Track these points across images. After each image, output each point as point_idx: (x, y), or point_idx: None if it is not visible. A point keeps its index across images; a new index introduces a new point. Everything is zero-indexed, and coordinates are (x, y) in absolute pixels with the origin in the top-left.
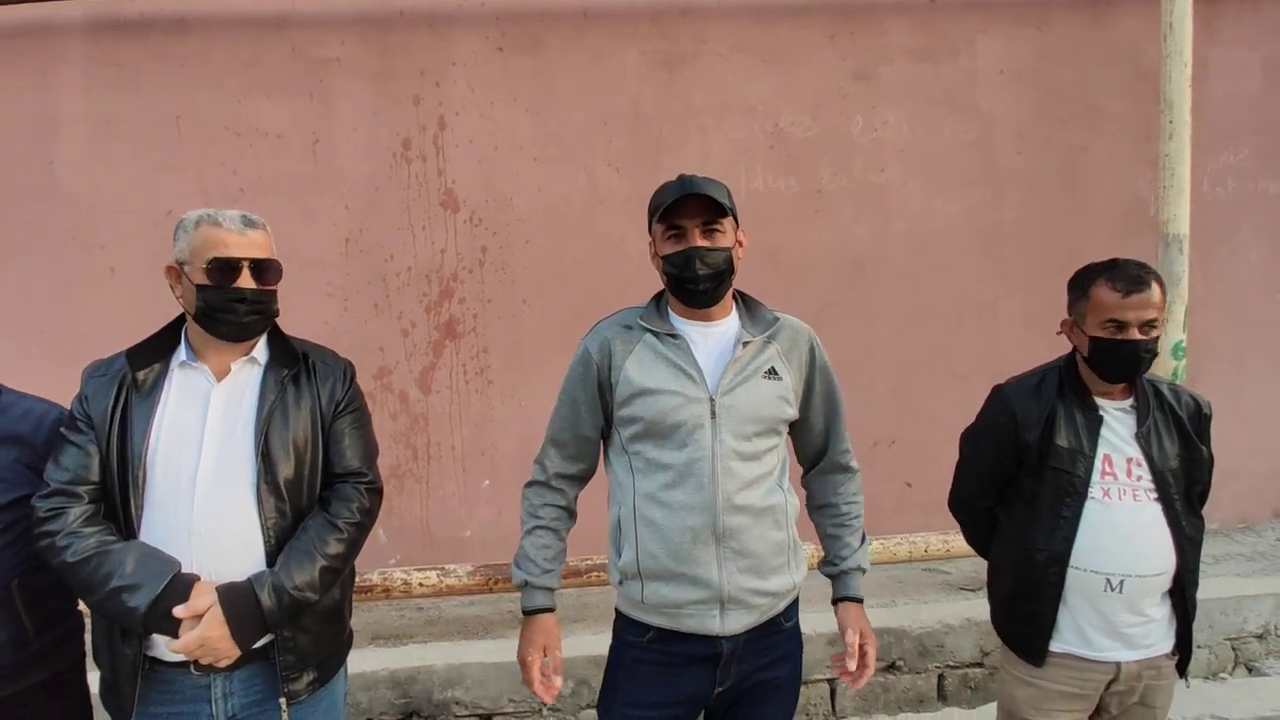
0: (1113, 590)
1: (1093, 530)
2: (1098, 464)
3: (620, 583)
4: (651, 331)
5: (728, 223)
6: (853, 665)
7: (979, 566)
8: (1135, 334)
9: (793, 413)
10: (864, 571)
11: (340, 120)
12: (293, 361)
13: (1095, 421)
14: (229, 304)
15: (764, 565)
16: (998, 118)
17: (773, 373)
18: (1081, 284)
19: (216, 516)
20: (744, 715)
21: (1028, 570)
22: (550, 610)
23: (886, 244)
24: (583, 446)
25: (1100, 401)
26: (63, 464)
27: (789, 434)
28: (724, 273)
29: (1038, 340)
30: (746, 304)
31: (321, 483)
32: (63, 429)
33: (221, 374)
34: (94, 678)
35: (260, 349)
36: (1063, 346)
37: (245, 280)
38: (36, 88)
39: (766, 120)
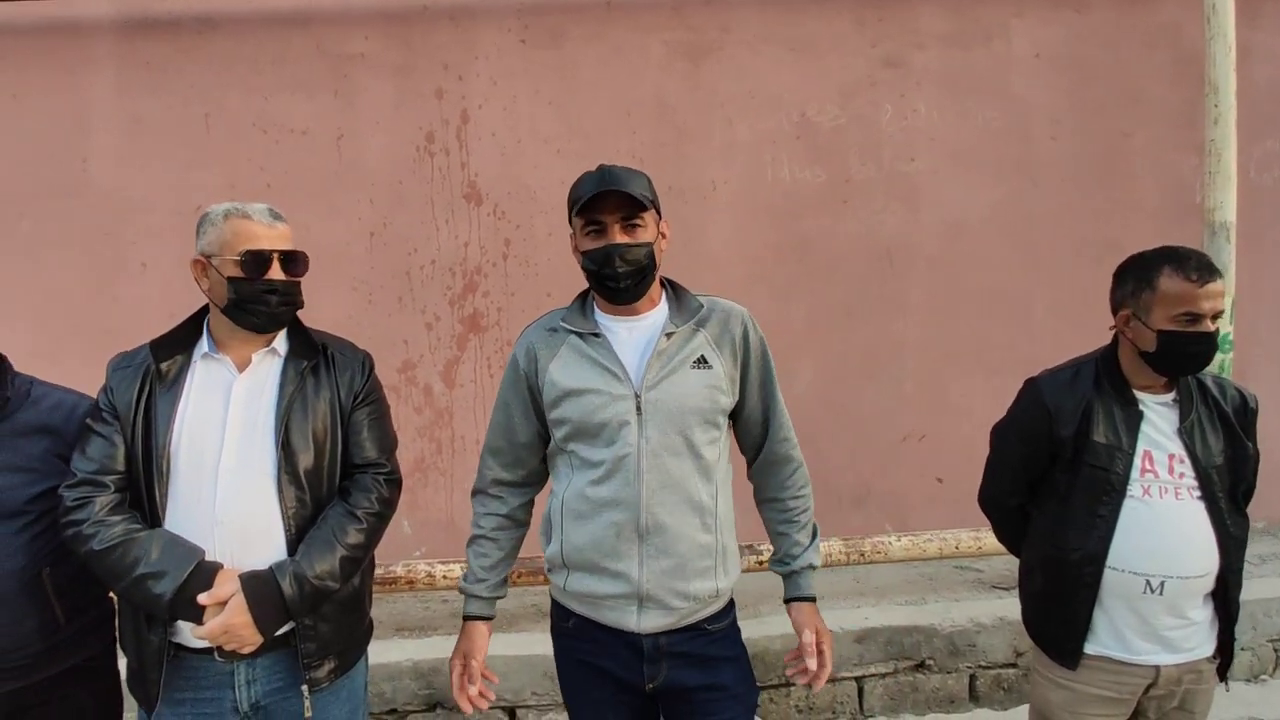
0: (1153, 592)
1: (1132, 530)
2: (1137, 461)
3: (550, 571)
4: (574, 332)
5: (649, 216)
6: (813, 665)
7: (1013, 564)
8: (1209, 325)
9: (729, 401)
10: (815, 569)
11: (364, 115)
12: (312, 353)
13: (1135, 416)
14: (261, 295)
15: (688, 567)
16: (1033, 104)
17: (702, 361)
18: (1142, 274)
19: (239, 505)
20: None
21: (1061, 570)
22: (482, 618)
23: (917, 235)
24: (519, 453)
25: (1140, 395)
26: (89, 454)
27: (730, 425)
28: (645, 269)
29: (1072, 333)
30: (676, 293)
31: (341, 473)
32: (88, 420)
33: (243, 365)
34: (124, 663)
35: (281, 340)
36: (1099, 339)
37: (276, 272)
38: (69, 87)
39: (793, 110)
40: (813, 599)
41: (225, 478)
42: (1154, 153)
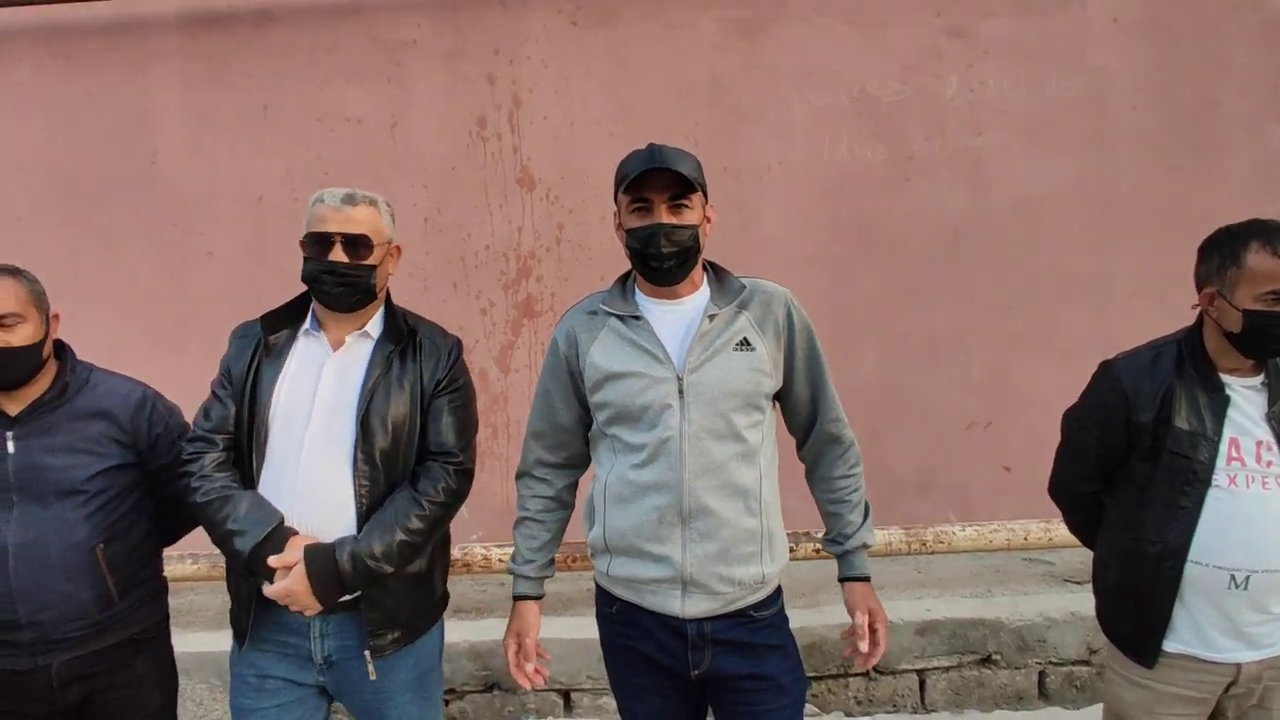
0: (1237, 587)
1: (1217, 522)
2: (1223, 448)
3: (592, 555)
4: (615, 315)
5: (696, 199)
6: (864, 646)
7: (1087, 557)
8: None
9: (772, 384)
10: (868, 548)
11: (417, 102)
12: (399, 338)
13: (1221, 401)
14: (319, 275)
15: (731, 551)
16: (1111, 72)
17: (745, 344)
18: (1227, 250)
19: (316, 478)
20: (745, 712)
21: (1138, 564)
22: (532, 598)
23: (984, 214)
24: (561, 436)
25: (1226, 379)
26: (210, 415)
27: (778, 406)
28: (690, 250)
29: (1155, 314)
30: (717, 275)
31: (417, 457)
32: (212, 385)
33: (338, 345)
34: (180, 639)
35: (375, 323)
36: (1182, 323)
37: (337, 254)
38: (136, 82)
39: (852, 85)
40: (867, 578)
41: (308, 451)
42: (1242, 122)
